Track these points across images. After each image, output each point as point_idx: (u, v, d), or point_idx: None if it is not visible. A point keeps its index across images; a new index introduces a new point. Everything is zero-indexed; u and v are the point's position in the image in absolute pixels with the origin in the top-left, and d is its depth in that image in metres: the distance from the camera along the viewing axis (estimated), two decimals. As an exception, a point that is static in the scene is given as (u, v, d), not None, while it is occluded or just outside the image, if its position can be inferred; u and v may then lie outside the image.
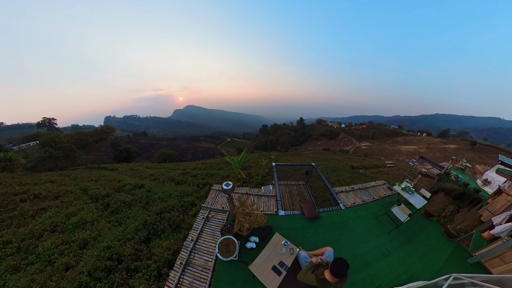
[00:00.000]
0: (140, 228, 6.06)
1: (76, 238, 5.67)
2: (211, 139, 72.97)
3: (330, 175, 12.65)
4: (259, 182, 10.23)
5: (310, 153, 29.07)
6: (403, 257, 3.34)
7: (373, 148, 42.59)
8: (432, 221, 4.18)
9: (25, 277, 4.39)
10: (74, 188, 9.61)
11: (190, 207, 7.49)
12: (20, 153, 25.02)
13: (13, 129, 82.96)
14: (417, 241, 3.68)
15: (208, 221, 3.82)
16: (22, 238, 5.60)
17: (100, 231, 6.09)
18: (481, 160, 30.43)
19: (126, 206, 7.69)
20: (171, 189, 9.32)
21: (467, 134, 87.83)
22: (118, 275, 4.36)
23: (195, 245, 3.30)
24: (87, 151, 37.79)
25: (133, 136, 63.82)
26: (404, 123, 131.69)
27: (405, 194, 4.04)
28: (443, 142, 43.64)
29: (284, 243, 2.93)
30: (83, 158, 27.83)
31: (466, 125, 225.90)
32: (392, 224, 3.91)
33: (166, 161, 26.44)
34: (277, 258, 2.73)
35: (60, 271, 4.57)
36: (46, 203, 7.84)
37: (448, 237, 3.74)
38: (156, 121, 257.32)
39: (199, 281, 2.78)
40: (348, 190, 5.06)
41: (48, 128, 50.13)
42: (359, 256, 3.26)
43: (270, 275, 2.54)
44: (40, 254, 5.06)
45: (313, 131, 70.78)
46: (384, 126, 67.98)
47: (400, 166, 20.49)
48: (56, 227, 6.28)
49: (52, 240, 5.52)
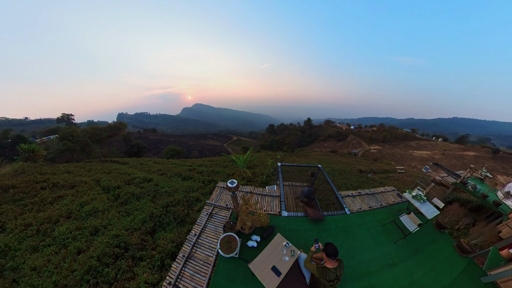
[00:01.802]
0: (147, 219, 6.30)
1: (88, 225, 6.02)
2: (218, 137, 73.93)
3: (337, 178, 12.35)
4: (264, 181, 10.22)
5: (316, 155, 28.54)
6: (409, 269, 3.17)
7: (384, 152, 40.88)
8: (444, 234, 3.93)
9: (42, 257, 4.75)
10: (88, 179, 10.18)
11: (195, 202, 7.67)
12: (41, 145, 27.00)
13: (36, 123, 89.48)
14: (426, 253, 3.48)
15: (212, 217, 3.89)
16: (41, 222, 6.05)
17: (110, 220, 6.42)
18: (504, 170, 28.08)
19: (135, 198, 8.02)
20: (177, 184, 9.58)
21: (489, 140, 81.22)
22: (124, 262, 4.59)
23: (197, 240, 3.37)
24: (101, 145, 39.87)
25: (143, 132, 66.27)
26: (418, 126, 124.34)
27: (416, 202, 3.83)
28: (461, 149, 40.92)
29: (285, 244, 2.91)
30: (97, 152, 29.39)
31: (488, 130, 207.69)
32: (399, 233, 3.73)
33: (174, 157, 27.18)
34: (277, 259, 2.72)
35: (73, 254, 4.89)
36: (63, 191, 8.40)
37: (461, 252, 3.48)
38: (165, 118, 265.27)
39: (200, 275, 2.84)
40: (355, 194, 4.91)
41: (67, 123, 53.78)
42: (362, 264, 3.15)
43: (269, 275, 2.54)
44: (56, 237, 5.44)
45: (320, 132, 69.25)
46: (396, 129, 64.70)
47: (412, 173, 19.48)
48: (71, 214, 6.71)
49: (67, 226, 5.92)
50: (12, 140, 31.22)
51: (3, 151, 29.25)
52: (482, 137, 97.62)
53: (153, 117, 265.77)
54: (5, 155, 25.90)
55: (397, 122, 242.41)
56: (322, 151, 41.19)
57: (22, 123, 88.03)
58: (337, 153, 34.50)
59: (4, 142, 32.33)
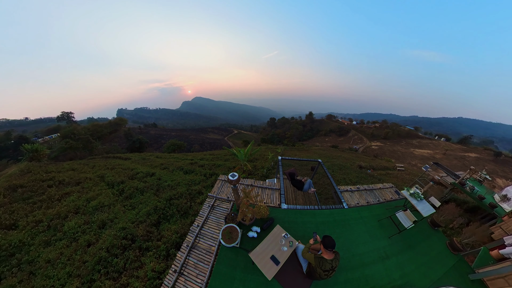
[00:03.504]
0: (151, 212, 6.51)
1: (96, 219, 6.25)
2: (219, 130, 73.76)
3: (336, 173, 12.44)
4: (264, 174, 10.34)
5: (317, 149, 28.49)
6: (401, 263, 3.31)
7: (385, 149, 40.62)
8: (437, 231, 4.03)
9: (55, 251, 5.01)
10: (92, 175, 10.38)
11: (197, 195, 7.85)
12: (44, 145, 27.30)
13: (36, 123, 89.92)
14: (418, 249, 3.61)
15: (214, 209, 4.01)
16: (51, 218, 6.29)
17: (116, 214, 6.65)
18: (504, 173, 28.03)
19: (139, 192, 8.23)
20: (179, 178, 9.75)
21: (492, 143, 79.18)
22: (132, 253, 4.83)
23: (200, 230, 3.51)
24: (103, 142, 40.16)
25: (144, 127, 66.24)
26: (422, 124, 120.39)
27: (413, 200, 3.88)
28: (463, 150, 40.50)
29: (284, 235, 3.01)
30: (99, 149, 29.69)
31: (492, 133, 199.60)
32: (394, 228, 3.83)
33: (175, 151, 27.38)
34: (276, 249, 2.84)
35: (83, 246, 5.14)
36: (69, 188, 8.62)
37: (452, 250, 3.61)
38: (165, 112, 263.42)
39: (203, 263, 2.99)
40: (354, 190, 4.98)
41: (67, 121, 53.73)
42: (357, 256, 3.28)
43: (268, 264, 2.66)
44: (66, 232, 5.68)
45: (322, 127, 68.51)
46: (398, 126, 63.62)
47: (411, 171, 19.46)
48: (78, 209, 6.95)
49: (76, 220, 6.15)
50: (15, 141, 31.57)
51: (7, 152, 29.65)
52: (486, 139, 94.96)
53: (153, 111, 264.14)
54: (10, 156, 26.31)
55: (400, 119, 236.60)
56: (323, 145, 41.03)
57: (23, 123, 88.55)
58: (338, 148, 34.35)
59: (7, 143, 32.69)
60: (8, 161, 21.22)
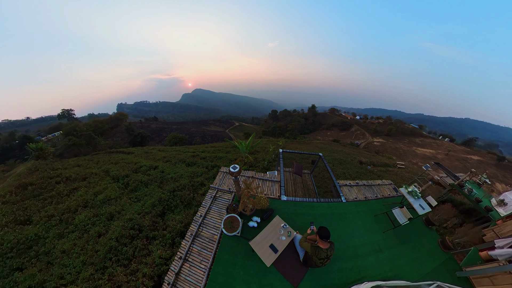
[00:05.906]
0: (156, 204, 6.75)
1: (104, 212, 6.53)
2: (220, 123, 73.38)
3: (337, 167, 12.48)
4: (265, 167, 10.44)
5: (318, 143, 28.25)
6: (393, 256, 3.44)
7: (386, 145, 40.04)
8: (431, 230, 4.11)
9: (68, 242, 5.33)
10: (97, 170, 10.63)
11: (199, 186, 8.05)
12: (48, 143, 27.65)
13: (38, 122, 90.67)
14: (410, 245, 3.72)
15: (216, 200, 4.14)
16: (62, 212, 6.58)
17: (123, 206, 6.92)
18: (504, 179, 27.61)
19: (143, 185, 8.47)
20: (182, 170, 9.94)
21: (497, 147, 75.91)
22: (139, 242, 5.11)
23: (203, 220, 3.66)
24: (105, 137, 40.50)
25: (145, 121, 66.17)
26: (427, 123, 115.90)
27: (410, 198, 3.91)
28: (466, 152, 39.62)
29: (283, 225, 3.13)
30: (102, 144, 30.04)
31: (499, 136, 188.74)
32: (389, 224, 3.92)
33: (177, 144, 27.59)
34: (275, 238, 2.96)
35: (94, 237, 5.44)
36: (77, 184, 8.90)
37: (443, 248, 3.70)
38: (166, 105, 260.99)
39: (206, 250, 3.17)
40: (352, 184, 5.03)
41: (68, 118, 53.74)
42: (351, 248, 3.42)
43: (267, 252, 2.80)
44: (77, 224, 5.98)
45: (324, 120, 67.21)
46: (402, 123, 61.90)
47: (412, 169, 19.33)
48: (87, 203, 7.24)
49: (85, 214, 6.44)
50: (19, 140, 31.98)
51: (13, 152, 30.19)
52: (491, 142, 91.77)
53: (153, 105, 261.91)
54: (16, 156, 26.86)
55: (405, 116, 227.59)
56: (324, 139, 40.65)
57: (25, 123, 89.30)
58: (339, 142, 33.98)
59: (12, 143, 33.18)
60: (15, 161, 21.77)
